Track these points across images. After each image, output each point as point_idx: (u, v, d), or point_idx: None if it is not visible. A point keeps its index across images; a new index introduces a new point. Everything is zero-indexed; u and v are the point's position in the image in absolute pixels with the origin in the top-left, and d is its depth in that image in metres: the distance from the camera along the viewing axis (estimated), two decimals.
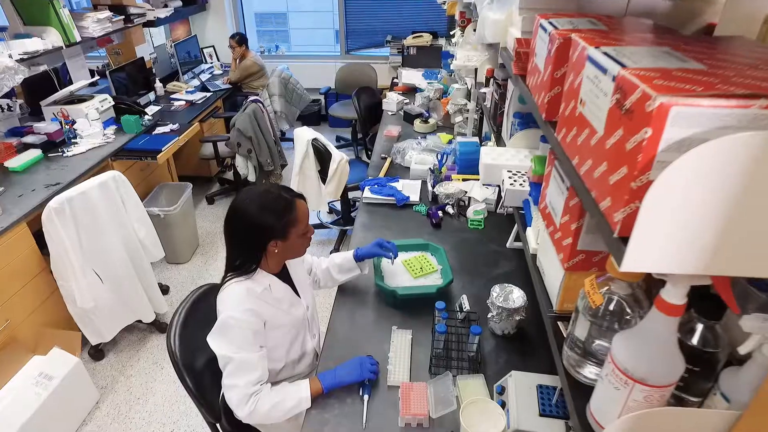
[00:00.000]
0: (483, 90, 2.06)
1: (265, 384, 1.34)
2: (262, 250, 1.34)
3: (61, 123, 2.91)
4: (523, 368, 1.35)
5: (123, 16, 3.50)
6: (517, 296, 1.54)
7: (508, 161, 1.31)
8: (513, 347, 1.55)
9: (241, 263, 1.37)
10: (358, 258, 1.71)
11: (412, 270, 1.72)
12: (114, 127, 3.19)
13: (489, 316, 1.56)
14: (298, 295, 1.52)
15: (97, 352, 2.62)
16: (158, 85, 4.14)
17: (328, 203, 3.96)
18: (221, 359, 1.31)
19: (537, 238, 1.03)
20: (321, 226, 3.80)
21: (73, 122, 2.93)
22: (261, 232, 1.31)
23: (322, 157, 3.13)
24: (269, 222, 1.30)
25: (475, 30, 2.55)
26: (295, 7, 5.63)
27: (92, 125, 2.99)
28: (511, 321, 1.54)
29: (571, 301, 0.85)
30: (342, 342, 1.57)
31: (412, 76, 3.85)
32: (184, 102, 3.98)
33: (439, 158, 2.44)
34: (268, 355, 1.40)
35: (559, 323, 0.85)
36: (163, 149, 2.96)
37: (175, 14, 4.32)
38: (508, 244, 2.02)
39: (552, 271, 0.89)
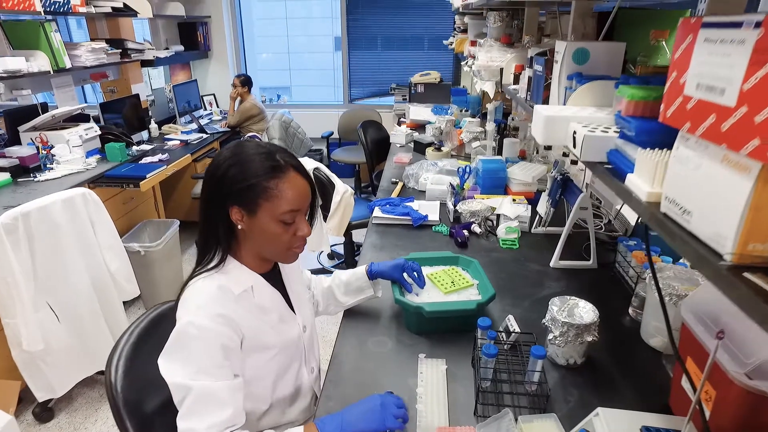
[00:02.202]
0: (512, 87, 1.79)
1: (239, 431, 0.93)
2: (225, 219, 0.97)
3: (37, 148, 2.64)
4: (607, 406, 0.94)
5: (120, 50, 3.37)
6: (585, 309, 1.15)
7: (574, 116, 1.00)
8: (585, 381, 1.14)
9: (204, 242, 1.00)
10: (373, 275, 1.34)
11: (441, 284, 1.34)
12: (98, 156, 2.92)
13: (549, 338, 1.16)
14: (293, 310, 1.14)
15: (44, 412, 2.14)
16: (153, 126, 3.93)
17: (330, 247, 3.60)
18: (176, 390, 0.91)
19: (653, 179, 0.69)
20: (322, 270, 3.42)
21: (51, 147, 2.66)
22: (221, 189, 0.95)
23: (325, 189, 2.83)
24: (233, 176, 0.94)
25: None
26: (299, 81, 5.60)
27: (73, 152, 2.71)
28: (579, 345, 1.14)
29: (763, 235, 0.49)
30: (350, 375, 1.16)
31: (420, 112, 3.65)
32: (178, 142, 3.75)
33: (461, 174, 2.13)
34: (246, 389, 0.99)
35: (748, 276, 0.49)
36: (147, 176, 2.66)
37: (176, 57, 4.23)
38: (552, 263, 1.67)
39: (712, 199, 0.54)
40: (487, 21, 2.64)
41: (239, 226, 0.98)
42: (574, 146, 0.93)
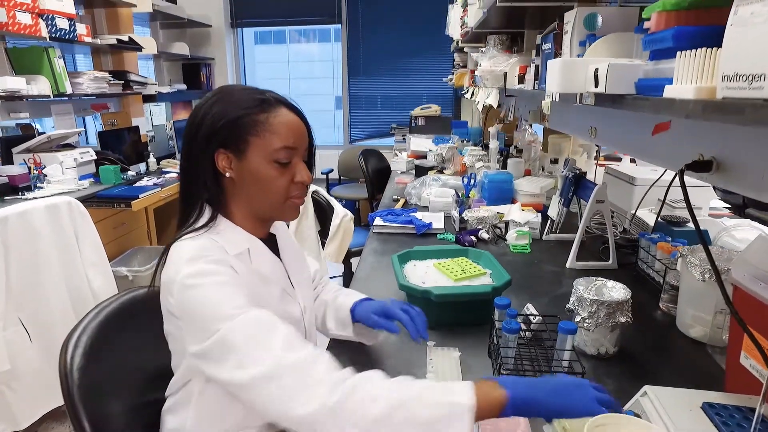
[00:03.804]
0: (517, 87, 1.75)
1: (318, 348, 0.73)
2: (210, 168, 0.84)
3: (29, 168, 2.57)
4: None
5: (122, 81, 3.39)
6: (615, 288, 1.02)
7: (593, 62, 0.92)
8: (621, 372, 0.98)
9: (186, 201, 0.86)
10: (355, 317, 1.02)
11: (451, 272, 1.21)
12: (91, 180, 2.85)
13: (576, 320, 1.02)
14: (293, 286, 0.97)
15: None
16: (151, 160, 3.89)
17: (330, 278, 3.45)
18: (210, 354, 0.72)
19: (701, 75, 0.60)
20: None
21: (44, 168, 2.59)
22: (203, 130, 0.82)
23: (324, 213, 2.74)
24: (216, 113, 0.82)
25: None
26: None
27: (66, 173, 2.65)
28: (611, 330, 1.00)
29: None
30: (349, 365, 1.00)
31: (421, 143, 3.63)
32: (176, 174, 3.69)
33: (466, 182, 2.04)
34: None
35: None
36: (140, 196, 2.57)
37: (178, 94, 4.28)
38: (568, 264, 1.54)
39: None
40: (487, 45, 2.67)
41: (227, 175, 0.84)
42: (597, 85, 0.85)
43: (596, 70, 0.84)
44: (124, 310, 1.02)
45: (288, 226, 1.10)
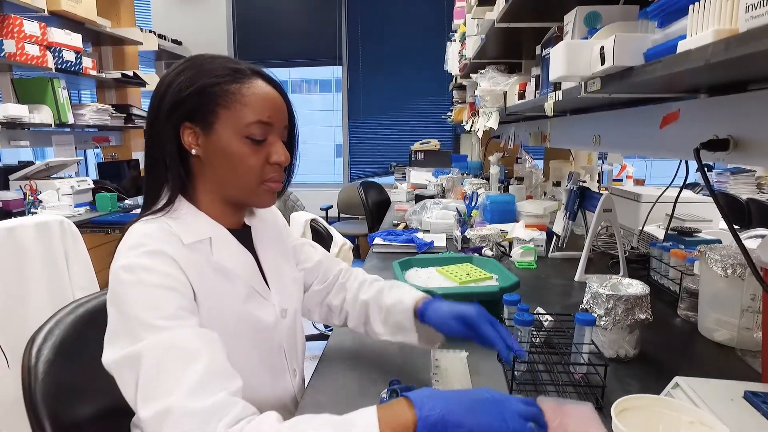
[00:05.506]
0: (518, 102, 1.75)
1: (231, 397, 0.62)
2: (175, 144, 0.76)
3: (24, 194, 2.54)
4: None
5: (124, 115, 3.43)
6: (631, 284, 0.95)
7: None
8: (644, 374, 0.90)
9: (149, 182, 0.79)
10: (425, 320, 0.86)
11: (455, 276, 1.14)
12: (87, 208, 2.81)
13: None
14: (267, 285, 0.86)
15: None
16: None
17: None
18: (123, 370, 0.64)
19: (719, 18, 0.57)
20: (319, 336, 3.11)
21: (40, 194, 2.56)
22: (168, 99, 0.75)
23: (323, 242, 2.68)
24: (183, 81, 0.74)
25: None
26: (300, 179, 5.79)
27: (61, 199, 2.61)
28: (630, 329, 0.92)
29: None
30: (346, 365, 0.92)
31: (421, 176, 3.62)
32: None
33: (468, 202, 2.00)
34: None
35: None
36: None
37: None
38: (577, 278, 1.47)
39: None
40: (486, 69, 2.71)
41: (193, 152, 0.76)
42: (603, 62, 0.82)
43: (602, 48, 0.82)
44: (100, 310, 0.94)
45: (289, 220, 1.04)
